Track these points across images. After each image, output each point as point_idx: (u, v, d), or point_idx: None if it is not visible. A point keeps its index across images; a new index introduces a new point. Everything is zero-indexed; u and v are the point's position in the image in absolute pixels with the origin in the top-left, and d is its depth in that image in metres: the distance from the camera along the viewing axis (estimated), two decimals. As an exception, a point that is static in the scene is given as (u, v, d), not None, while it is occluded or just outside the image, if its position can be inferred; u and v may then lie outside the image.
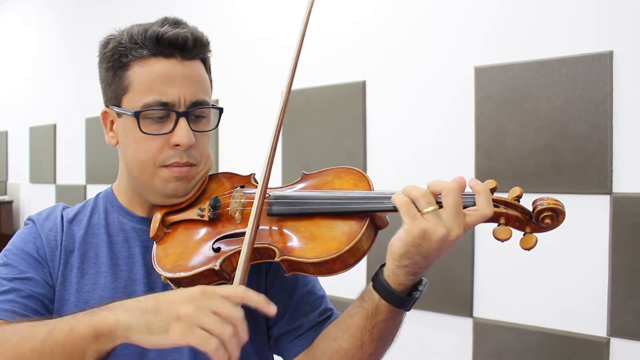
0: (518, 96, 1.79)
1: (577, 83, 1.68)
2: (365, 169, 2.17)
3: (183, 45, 0.93)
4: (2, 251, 0.97)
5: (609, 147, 1.63)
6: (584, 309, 1.68)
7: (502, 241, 0.79)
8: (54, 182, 3.84)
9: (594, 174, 1.65)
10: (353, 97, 2.20)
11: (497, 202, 0.81)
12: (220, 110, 1.00)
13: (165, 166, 0.94)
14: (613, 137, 1.63)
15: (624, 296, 1.61)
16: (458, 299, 1.92)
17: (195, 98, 0.94)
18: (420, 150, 2.04)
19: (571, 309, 1.70)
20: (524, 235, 0.80)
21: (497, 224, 0.81)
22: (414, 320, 0.97)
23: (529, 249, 0.79)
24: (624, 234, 1.61)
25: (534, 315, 1.77)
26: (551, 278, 1.74)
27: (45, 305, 0.92)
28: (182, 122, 0.92)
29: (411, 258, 0.80)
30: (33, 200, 4.12)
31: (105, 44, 0.97)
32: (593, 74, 1.65)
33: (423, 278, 0.86)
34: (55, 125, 3.86)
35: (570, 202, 1.66)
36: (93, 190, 3.42)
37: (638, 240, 1.59)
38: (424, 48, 2.04)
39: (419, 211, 0.78)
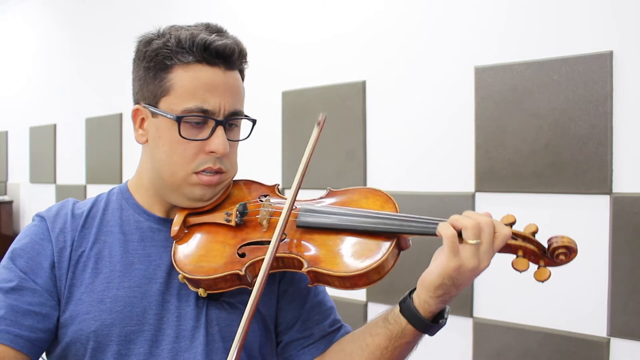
0: (518, 96, 1.79)
1: (577, 83, 1.68)
2: (365, 169, 2.18)
3: (229, 56, 0.95)
4: (10, 250, 0.96)
5: (609, 147, 1.63)
6: (584, 309, 1.68)
7: (520, 272, 0.86)
8: (54, 182, 3.84)
9: (594, 174, 1.65)
10: (353, 97, 2.21)
11: (516, 236, 0.86)
12: (254, 121, 1.02)
13: (196, 173, 0.95)
14: (613, 137, 1.63)
15: (624, 296, 1.61)
16: (458, 299, 1.90)
17: (233, 108, 0.96)
18: (421, 150, 2.04)
19: (571, 309, 1.70)
20: (538, 268, 0.86)
21: (515, 255, 0.86)
22: (414, 321, 0.98)
23: (542, 281, 0.86)
24: (624, 234, 1.61)
25: (534, 315, 1.77)
26: (551, 278, 1.74)
27: (44, 315, 0.92)
28: (220, 130, 0.94)
29: (445, 289, 0.85)
30: (33, 200, 4.11)
31: (147, 42, 0.96)
32: (593, 74, 1.65)
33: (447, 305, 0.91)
34: (55, 125, 3.85)
35: (570, 202, 1.68)
36: (93, 190, 3.42)
37: (638, 240, 1.59)
38: (424, 48, 2.04)
39: (462, 240, 0.83)
